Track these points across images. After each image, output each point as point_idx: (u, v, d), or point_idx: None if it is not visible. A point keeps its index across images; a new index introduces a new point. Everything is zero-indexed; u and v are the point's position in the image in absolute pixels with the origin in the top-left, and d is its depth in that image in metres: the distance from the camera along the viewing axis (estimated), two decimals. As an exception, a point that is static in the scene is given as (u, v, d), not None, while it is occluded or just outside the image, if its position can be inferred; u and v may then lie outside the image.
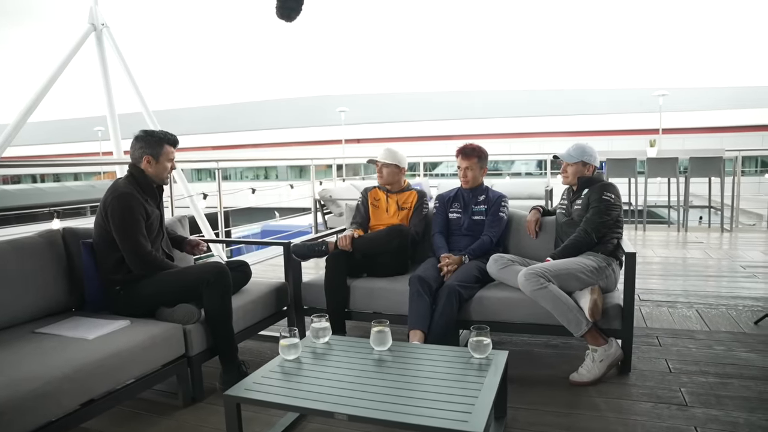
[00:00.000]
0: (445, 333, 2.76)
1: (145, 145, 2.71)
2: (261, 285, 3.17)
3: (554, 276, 2.71)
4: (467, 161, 3.34)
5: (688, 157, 7.76)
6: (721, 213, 7.71)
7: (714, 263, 5.49)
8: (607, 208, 2.91)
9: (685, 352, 3.01)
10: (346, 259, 3.17)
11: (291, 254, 3.23)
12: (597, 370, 2.63)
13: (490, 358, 2.10)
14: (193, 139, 31.23)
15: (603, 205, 2.91)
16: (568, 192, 3.23)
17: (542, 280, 2.67)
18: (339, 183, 8.02)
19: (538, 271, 2.70)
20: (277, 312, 3.25)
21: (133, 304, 2.60)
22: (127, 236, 2.57)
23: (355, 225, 3.51)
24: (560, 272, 2.74)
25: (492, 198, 3.37)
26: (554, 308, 2.66)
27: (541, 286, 2.66)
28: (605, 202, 2.92)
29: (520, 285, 2.72)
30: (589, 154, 3.06)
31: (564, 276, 2.74)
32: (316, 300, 3.25)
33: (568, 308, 2.65)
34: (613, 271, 2.91)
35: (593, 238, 2.90)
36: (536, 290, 2.66)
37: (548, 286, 2.67)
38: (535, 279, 2.67)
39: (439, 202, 3.49)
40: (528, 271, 2.71)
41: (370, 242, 3.21)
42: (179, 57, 49.47)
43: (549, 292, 2.65)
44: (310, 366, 2.11)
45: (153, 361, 2.35)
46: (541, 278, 2.68)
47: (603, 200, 2.92)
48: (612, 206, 2.93)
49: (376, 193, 3.58)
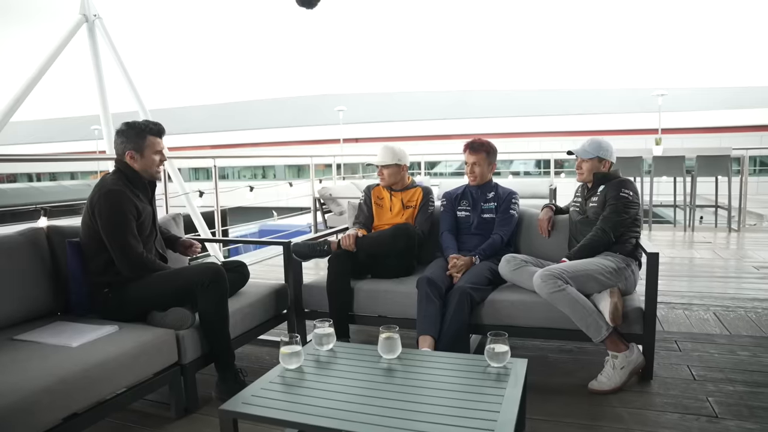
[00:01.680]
0: (456, 338, 2.60)
1: (126, 138, 2.52)
2: (259, 287, 3.00)
3: (572, 277, 2.55)
4: (475, 156, 3.17)
5: (694, 156, 7.62)
6: (728, 212, 7.57)
7: (725, 264, 5.34)
8: (625, 206, 2.75)
9: (707, 358, 2.85)
10: (349, 260, 3.01)
11: (291, 254, 3.06)
12: (618, 378, 2.46)
13: (508, 367, 1.94)
14: (191, 138, 31.02)
15: (621, 202, 2.75)
16: (582, 189, 3.06)
17: (560, 282, 2.51)
18: (339, 181, 7.85)
19: (555, 273, 2.54)
20: (277, 315, 3.08)
21: (123, 308, 2.43)
22: (115, 236, 2.40)
23: (358, 224, 3.34)
24: (578, 273, 2.58)
25: (502, 195, 3.21)
26: (572, 312, 2.50)
27: (558, 289, 2.49)
28: (623, 200, 2.75)
29: (536, 287, 2.55)
30: (605, 150, 2.90)
31: (582, 278, 2.58)
32: (317, 303, 3.08)
33: (587, 312, 2.49)
34: (632, 272, 2.75)
35: (611, 237, 2.73)
36: (553, 293, 2.50)
37: (566, 288, 2.50)
38: (552, 281, 2.51)
39: (446, 199, 3.32)
40: (544, 272, 2.55)
41: (374, 242, 3.04)
42: (176, 54, 49.23)
43: (567, 295, 2.49)
44: (313, 376, 1.95)
45: (143, 370, 2.18)
46: (558, 280, 2.51)
47: (621, 197, 2.75)
48: (630, 204, 2.76)
49: (380, 191, 3.42)
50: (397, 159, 3.27)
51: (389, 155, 3.27)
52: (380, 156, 3.29)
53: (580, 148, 2.96)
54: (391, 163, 3.26)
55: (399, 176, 3.32)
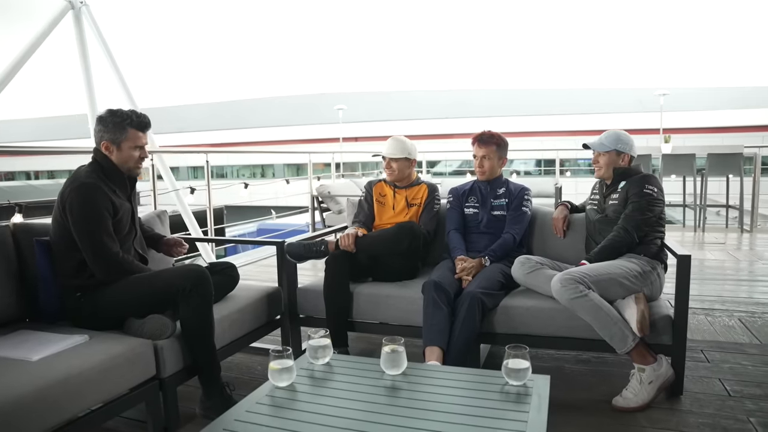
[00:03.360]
0: (467, 349, 2.35)
1: (104, 127, 2.26)
2: (250, 291, 2.76)
3: (594, 282, 2.31)
4: (484, 149, 2.93)
5: (704, 154, 7.38)
6: (740, 213, 7.34)
7: (742, 266, 5.10)
8: (649, 204, 2.50)
9: (740, 371, 2.61)
10: (348, 261, 2.76)
11: (285, 255, 2.82)
12: (645, 394, 2.22)
13: (529, 385, 1.69)
14: (190, 137, 30.74)
15: (645, 200, 2.50)
16: (600, 186, 2.81)
17: (581, 287, 2.26)
18: (338, 179, 7.61)
19: (576, 277, 2.29)
20: (270, 321, 2.84)
21: (97, 314, 2.18)
22: (88, 235, 2.16)
23: (357, 223, 3.09)
24: (601, 278, 2.33)
25: (513, 191, 2.96)
26: (595, 320, 2.25)
27: (580, 294, 2.25)
28: (647, 197, 2.50)
29: (555, 292, 2.31)
30: (624, 142, 2.65)
31: (605, 282, 2.33)
32: (313, 308, 2.84)
33: (612, 320, 2.24)
34: (658, 276, 2.50)
35: (634, 237, 2.49)
36: (575, 299, 2.25)
37: (588, 293, 2.26)
38: (573, 286, 2.26)
39: (453, 196, 3.08)
40: (564, 276, 2.30)
41: (376, 242, 2.80)
42: (174, 51, 48.90)
43: (589, 301, 2.25)
44: (306, 396, 1.70)
45: (116, 386, 1.93)
46: (580, 285, 2.27)
47: (645, 194, 2.50)
48: (655, 201, 2.51)
49: (382, 187, 3.17)
50: (407, 153, 3.04)
51: (400, 148, 3.04)
52: (390, 147, 3.05)
53: (596, 141, 2.71)
54: (401, 156, 3.03)
55: (407, 171, 3.08)
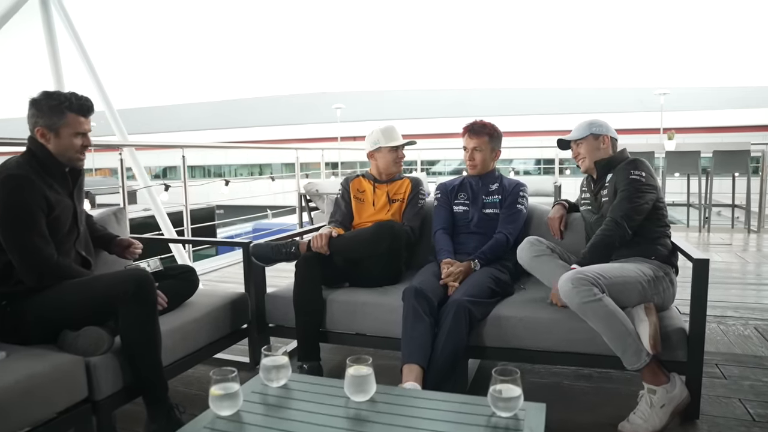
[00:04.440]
0: (451, 366, 2.05)
1: (38, 111, 1.97)
2: (212, 297, 2.47)
3: (609, 285, 2.01)
4: (476, 140, 2.64)
5: (710, 152, 7.10)
6: (747, 212, 7.06)
7: (751, 268, 4.81)
8: (637, 190, 2.19)
9: (763, 390, 2.31)
10: (320, 265, 2.46)
11: (251, 257, 2.53)
12: (657, 420, 1.92)
13: (520, 417, 1.40)
14: (183, 136, 30.45)
15: (632, 186, 2.19)
16: (587, 182, 2.51)
17: (596, 290, 1.96)
18: (328, 177, 7.32)
19: (590, 277, 1.98)
20: (235, 332, 2.55)
21: (24, 325, 1.88)
22: (15, 234, 1.87)
23: (334, 222, 2.80)
24: (616, 281, 2.03)
25: (507, 187, 2.67)
26: (608, 329, 1.95)
27: (594, 298, 1.94)
28: (635, 183, 2.20)
29: (564, 294, 2.00)
30: (597, 125, 2.39)
31: (620, 286, 2.03)
32: (283, 316, 2.54)
33: (626, 330, 1.94)
34: (670, 282, 2.20)
35: (626, 228, 2.15)
36: (588, 303, 1.94)
37: (603, 298, 1.96)
38: (586, 288, 1.96)
39: (440, 192, 2.79)
40: (577, 275, 1.99)
41: (351, 243, 2.50)
42: (172, 50, 48.68)
43: (604, 307, 1.94)
44: (253, 428, 1.41)
45: (39, 410, 1.64)
46: (594, 287, 1.96)
47: (631, 180, 2.20)
48: (644, 186, 2.20)
49: (360, 182, 2.89)
50: (402, 140, 2.86)
51: (398, 135, 2.86)
52: (394, 134, 2.85)
53: (569, 135, 2.45)
54: (402, 144, 2.86)
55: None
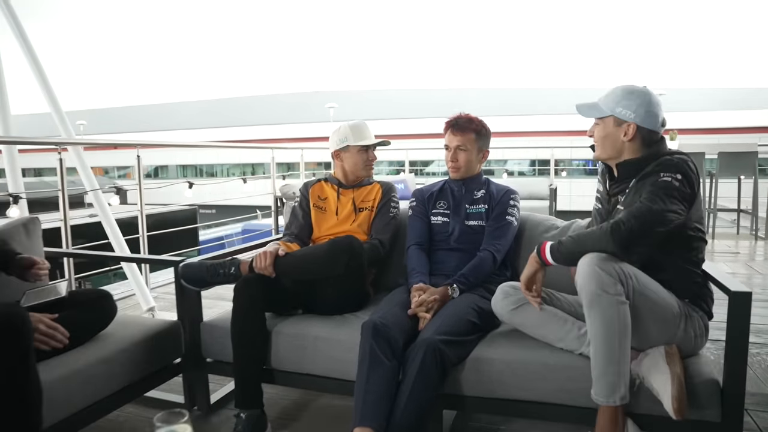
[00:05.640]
0: (417, 426, 1.61)
1: None
2: (134, 328, 2.02)
3: (637, 294, 1.56)
4: (460, 137, 2.20)
5: (715, 153, 6.69)
6: (754, 218, 6.67)
7: (767, 282, 4.37)
8: (667, 195, 1.56)
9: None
10: (265, 288, 2.01)
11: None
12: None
13: None
14: (173, 135, 29.91)
15: (660, 188, 1.58)
16: (602, 175, 1.91)
17: (622, 289, 1.52)
18: (308, 178, 6.86)
19: (623, 273, 1.54)
20: (166, 367, 2.10)
21: None
22: None
23: (289, 236, 2.35)
24: (647, 292, 1.59)
25: (495, 194, 2.23)
26: (602, 341, 1.52)
27: (616, 297, 1.51)
28: (665, 184, 1.59)
29: (583, 274, 1.53)
30: (630, 101, 1.71)
31: (644, 299, 1.58)
32: (222, 350, 2.07)
33: (623, 356, 1.51)
34: (701, 323, 1.71)
35: (629, 230, 1.52)
36: (608, 297, 1.50)
37: (624, 303, 1.52)
38: (612, 282, 1.51)
39: (416, 199, 2.34)
40: (609, 261, 1.53)
41: (302, 263, 2.03)
42: (166, 48, 48.15)
43: (622, 314, 1.51)
44: None
45: None
46: (621, 285, 1.52)
47: (660, 183, 1.60)
48: (676, 192, 1.58)
49: (322, 188, 2.45)
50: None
51: (370, 132, 2.45)
52: (367, 133, 2.44)
53: (589, 108, 1.83)
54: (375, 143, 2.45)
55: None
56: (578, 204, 8.61)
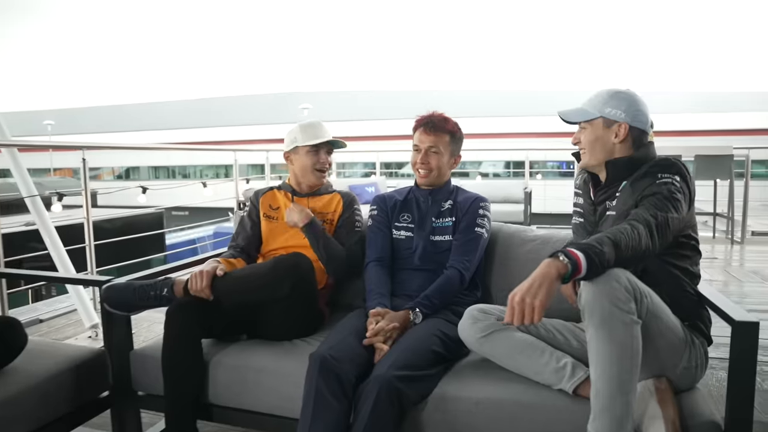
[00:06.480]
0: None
1: None
2: (51, 359, 1.76)
3: (650, 315, 1.34)
4: (433, 137, 1.96)
5: (692, 156, 6.61)
6: (730, 221, 6.59)
7: (748, 289, 4.22)
8: (671, 198, 1.42)
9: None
10: (200, 312, 1.75)
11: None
12: None
13: None
14: (149, 136, 29.31)
15: (665, 189, 1.44)
16: (584, 184, 1.74)
17: (635, 309, 1.29)
18: (273, 182, 6.59)
19: (638, 289, 1.32)
20: (90, 402, 1.84)
21: None
22: None
23: (233, 250, 2.10)
24: (659, 313, 1.38)
25: (463, 204, 2.00)
26: (609, 366, 1.27)
27: (629, 315, 1.28)
28: (667, 186, 1.45)
29: (592, 289, 1.29)
30: (619, 102, 1.59)
31: (655, 321, 1.36)
32: (155, 382, 1.81)
33: (628, 389, 1.27)
34: (700, 351, 1.51)
35: (656, 239, 1.36)
36: (620, 315, 1.27)
37: (638, 325, 1.29)
38: (626, 298, 1.28)
39: (377, 207, 2.10)
40: (626, 275, 1.31)
41: (242, 285, 1.77)
42: (139, 49, 47.31)
43: (634, 334, 1.28)
44: None
45: None
46: (634, 303, 1.29)
47: (661, 183, 1.46)
48: (679, 194, 1.44)
49: (274, 197, 2.19)
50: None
51: (328, 131, 2.15)
52: (321, 132, 2.12)
53: (572, 109, 1.69)
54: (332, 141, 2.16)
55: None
56: (553, 207, 8.48)
